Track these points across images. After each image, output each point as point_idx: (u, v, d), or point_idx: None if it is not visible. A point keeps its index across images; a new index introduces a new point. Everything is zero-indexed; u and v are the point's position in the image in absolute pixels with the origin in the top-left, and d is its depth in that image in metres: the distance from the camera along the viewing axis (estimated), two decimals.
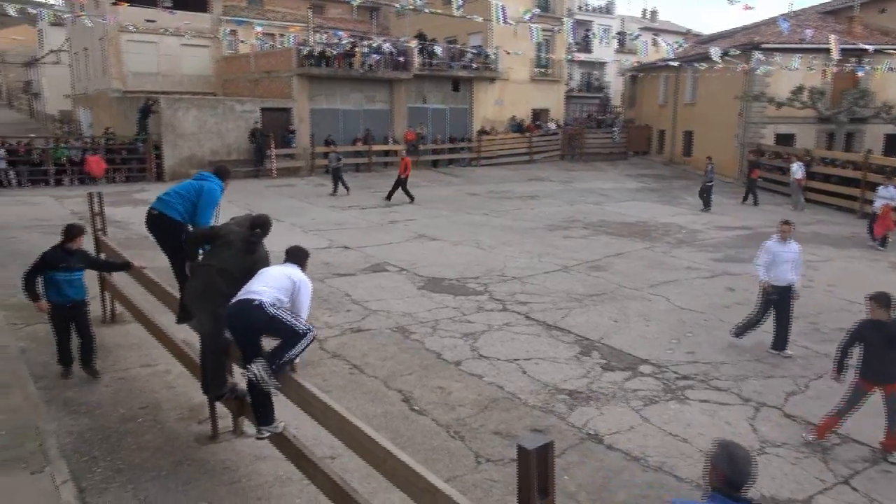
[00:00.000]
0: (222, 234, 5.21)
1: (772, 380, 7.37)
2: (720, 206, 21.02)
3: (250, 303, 4.53)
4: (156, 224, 5.90)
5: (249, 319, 4.53)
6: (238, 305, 4.60)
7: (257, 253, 5.14)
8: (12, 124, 42.90)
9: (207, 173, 6.16)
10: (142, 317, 7.10)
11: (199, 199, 5.85)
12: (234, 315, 4.61)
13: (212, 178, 6.04)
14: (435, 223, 16.53)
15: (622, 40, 42.64)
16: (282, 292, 4.66)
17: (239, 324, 4.62)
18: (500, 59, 30.18)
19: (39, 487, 4.66)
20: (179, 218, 5.83)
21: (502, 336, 8.53)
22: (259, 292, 4.58)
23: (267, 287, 4.64)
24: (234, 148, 24.60)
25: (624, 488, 5.22)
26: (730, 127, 27.46)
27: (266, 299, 4.54)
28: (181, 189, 5.97)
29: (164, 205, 5.83)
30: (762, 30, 28.76)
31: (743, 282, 11.51)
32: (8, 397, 6.06)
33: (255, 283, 4.70)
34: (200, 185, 5.95)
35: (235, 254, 5.04)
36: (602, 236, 15.43)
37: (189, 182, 6.07)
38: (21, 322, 8.41)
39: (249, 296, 4.58)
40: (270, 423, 4.75)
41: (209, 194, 5.91)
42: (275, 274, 4.79)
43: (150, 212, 5.90)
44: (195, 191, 5.91)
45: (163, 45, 30.47)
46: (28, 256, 11.75)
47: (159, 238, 5.99)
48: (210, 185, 5.95)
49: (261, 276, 4.78)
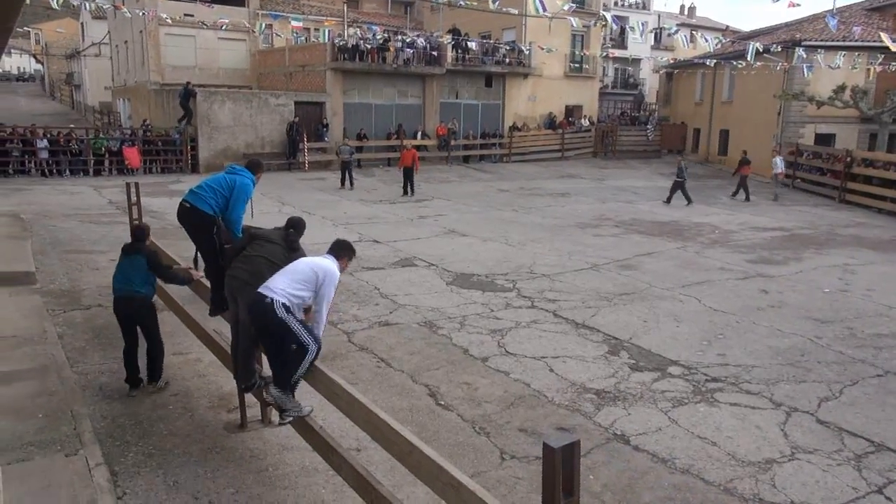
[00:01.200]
0: (261, 234, 5.31)
1: (805, 384, 7.22)
2: (756, 206, 20.65)
3: (263, 299, 4.55)
4: (187, 217, 5.97)
5: (262, 315, 4.57)
6: (254, 296, 4.64)
7: (299, 251, 5.19)
8: (54, 115, 44.02)
9: (240, 167, 6.23)
10: (174, 305, 7.23)
11: (231, 193, 5.92)
12: (252, 305, 4.67)
13: (244, 172, 6.10)
14: (464, 219, 16.52)
15: (658, 36, 42.08)
16: (303, 286, 4.64)
17: (253, 316, 4.68)
18: (533, 54, 30.00)
19: (74, 469, 4.78)
20: (211, 212, 5.91)
21: (530, 333, 8.50)
22: (274, 290, 4.57)
23: (285, 283, 4.62)
24: (268, 141, 24.89)
25: (650, 490, 5.17)
26: (768, 126, 26.93)
27: (279, 298, 4.53)
28: (213, 182, 6.05)
29: (197, 198, 5.89)
30: (804, 26, 28.13)
31: (777, 284, 11.30)
32: (45, 381, 6.23)
33: (277, 276, 4.71)
34: (233, 179, 6.01)
35: (278, 248, 5.12)
36: (633, 235, 15.26)
37: (221, 175, 6.13)
38: (59, 308, 8.63)
39: (264, 290, 4.60)
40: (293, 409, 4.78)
41: (242, 189, 5.98)
42: (302, 266, 4.79)
43: (183, 204, 5.97)
44: (228, 185, 5.98)
45: (200, 39, 30.95)
46: (67, 244, 12.11)
47: (190, 230, 6.07)
48: (243, 180, 6.02)
49: (288, 267, 4.81)
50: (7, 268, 9.60)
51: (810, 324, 9.25)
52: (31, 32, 65.79)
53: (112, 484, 4.77)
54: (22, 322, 7.70)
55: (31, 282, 9.39)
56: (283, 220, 5.80)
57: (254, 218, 7.42)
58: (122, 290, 6.31)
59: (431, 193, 20.61)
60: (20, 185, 18.99)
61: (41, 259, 10.87)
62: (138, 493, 4.77)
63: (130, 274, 6.32)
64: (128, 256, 6.39)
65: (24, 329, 7.47)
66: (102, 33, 41.12)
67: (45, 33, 61.35)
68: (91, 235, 12.61)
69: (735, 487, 5.22)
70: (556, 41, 30.03)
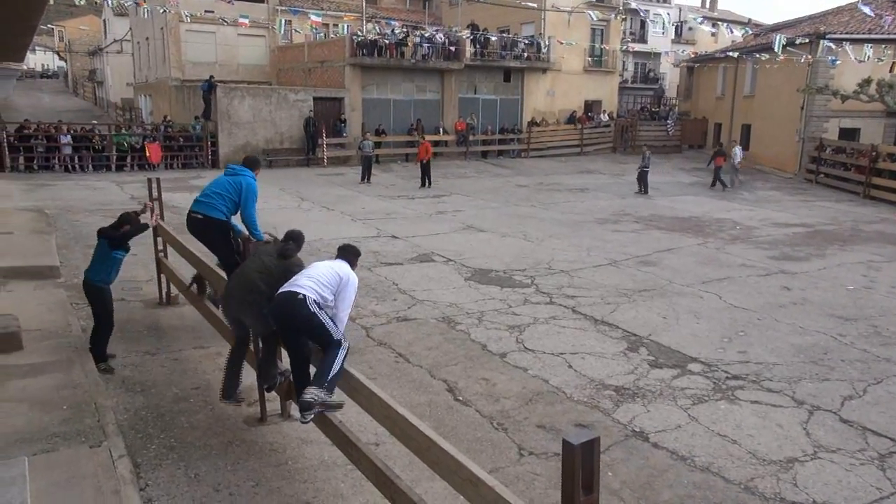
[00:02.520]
0: (259, 250, 5.45)
1: (827, 383, 7.13)
2: (780, 202, 20.41)
3: (294, 296, 4.60)
4: (199, 227, 6.05)
5: (292, 312, 4.60)
6: (282, 296, 4.68)
7: (292, 259, 5.22)
8: (77, 111, 44.57)
9: (239, 167, 6.32)
10: (196, 300, 7.30)
11: (240, 195, 6.01)
12: (279, 305, 4.69)
13: (245, 172, 6.19)
14: (482, 214, 16.50)
15: (679, 30, 41.63)
16: (327, 287, 4.70)
17: (281, 315, 4.70)
18: (552, 49, 29.83)
19: (98, 461, 4.85)
20: (224, 217, 6.02)
21: (548, 329, 8.47)
22: (304, 286, 4.64)
23: (313, 282, 4.69)
24: (287, 136, 25.02)
25: (669, 488, 5.13)
26: (791, 121, 26.57)
27: (310, 294, 4.60)
28: (218, 188, 6.11)
29: (207, 207, 5.96)
30: (828, 19, 27.68)
31: (800, 281, 11.16)
32: (69, 374, 6.32)
33: (301, 277, 4.77)
34: (237, 180, 6.09)
35: (271, 258, 5.19)
36: (653, 231, 15.15)
37: (223, 179, 6.19)
38: (83, 302, 8.75)
39: (294, 288, 4.65)
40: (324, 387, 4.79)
41: (249, 189, 6.08)
42: (322, 269, 4.83)
43: (193, 216, 6.00)
44: (234, 188, 6.07)
45: (220, 35, 31.15)
46: (90, 239, 12.22)
47: (206, 240, 6.15)
48: (247, 180, 6.12)
49: (308, 270, 4.85)
50: (32, 262, 9.75)
51: (833, 321, 9.12)
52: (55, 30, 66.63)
53: (135, 475, 4.83)
54: (46, 315, 7.82)
55: (55, 276, 9.53)
56: (302, 216, 5.88)
57: None
58: (86, 275, 6.81)
59: (449, 189, 20.60)
60: (45, 181, 19.28)
61: (65, 253, 11.02)
62: (160, 484, 4.83)
63: (93, 259, 6.76)
64: (98, 241, 6.77)
65: (48, 322, 7.59)
66: (124, 30, 41.53)
67: (69, 30, 62.10)
68: None
69: (756, 486, 5.18)
70: (576, 35, 29.83)
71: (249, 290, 5.05)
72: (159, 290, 8.79)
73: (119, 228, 6.77)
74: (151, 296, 8.86)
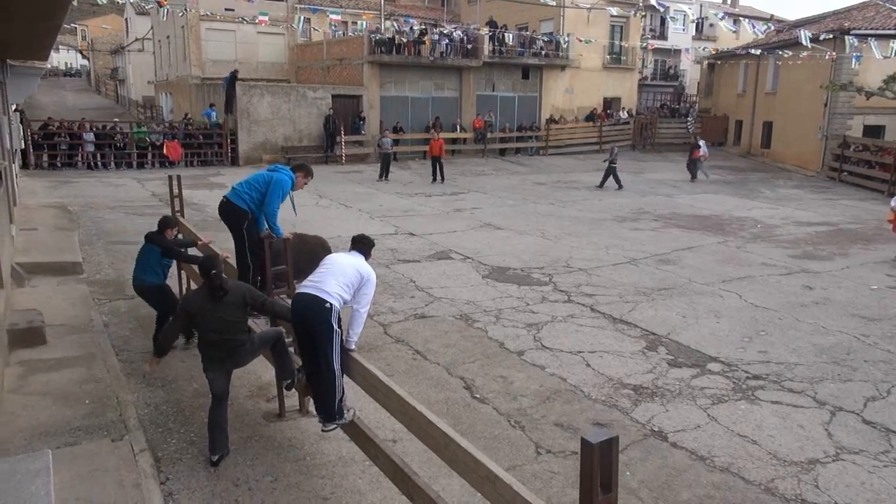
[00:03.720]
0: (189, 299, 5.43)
1: (850, 383, 7.03)
2: (802, 200, 20.15)
3: (322, 304, 4.58)
4: (224, 210, 6.29)
5: (314, 317, 4.58)
6: (308, 299, 4.64)
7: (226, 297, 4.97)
8: (99, 109, 45.13)
9: (283, 166, 6.47)
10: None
11: (267, 188, 6.13)
12: (303, 305, 4.65)
13: (284, 170, 6.31)
14: (500, 212, 16.47)
15: (700, 26, 41.20)
16: (348, 289, 4.71)
17: (303, 316, 4.66)
18: (571, 46, 29.67)
19: (120, 455, 4.91)
20: (245, 206, 6.16)
21: (566, 328, 8.44)
22: (332, 293, 4.62)
23: (339, 286, 4.67)
24: (306, 134, 25.15)
25: (688, 488, 5.10)
26: (814, 118, 26.21)
27: (336, 304, 4.61)
28: (252, 179, 6.30)
29: (234, 193, 6.26)
30: (852, 14, 27.26)
31: (822, 280, 11.01)
32: (92, 368, 6.41)
33: (328, 278, 4.72)
34: (271, 175, 6.23)
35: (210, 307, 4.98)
36: (672, 229, 15.03)
37: (262, 173, 6.39)
38: (105, 298, 8.88)
39: (322, 294, 4.62)
40: (335, 418, 4.79)
41: (277, 184, 6.18)
42: (345, 268, 4.80)
43: (222, 200, 6.29)
44: (265, 181, 6.21)
45: (240, 33, 31.37)
46: (112, 235, 12.43)
47: (226, 223, 6.38)
48: (280, 176, 6.21)
49: (332, 269, 4.81)
50: (56, 258, 9.90)
51: (856, 321, 9.00)
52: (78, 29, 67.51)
53: (155, 469, 4.89)
54: (70, 311, 7.94)
55: (78, 272, 9.67)
56: (320, 213, 5.95)
57: (296, 214, 7.56)
58: (134, 278, 6.96)
59: (467, 186, 20.59)
60: (68, 178, 19.54)
61: (88, 250, 11.18)
62: (180, 478, 4.88)
63: (140, 262, 6.88)
64: (145, 244, 6.91)
65: (71, 317, 7.70)
66: (146, 29, 41.96)
67: (91, 29, 62.89)
68: (135, 227, 12.89)
69: (776, 487, 5.12)
70: (595, 32, 29.65)
71: (234, 347, 4.97)
72: (179, 287, 8.87)
73: (163, 233, 6.94)
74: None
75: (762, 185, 23.17)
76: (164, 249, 6.81)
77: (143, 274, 6.84)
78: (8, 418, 5.35)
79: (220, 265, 5.17)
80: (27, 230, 11.55)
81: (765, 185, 23.13)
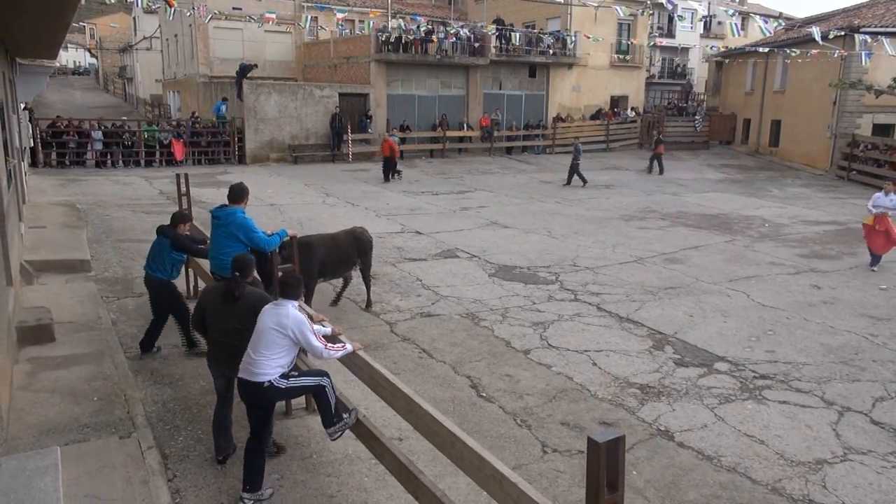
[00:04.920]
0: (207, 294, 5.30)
1: (858, 383, 7.00)
2: (810, 199, 20.05)
3: (259, 387, 4.42)
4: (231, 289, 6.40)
5: (261, 401, 4.52)
6: (246, 385, 4.49)
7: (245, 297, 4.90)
8: (108, 107, 45.33)
9: (220, 210, 6.38)
10: None
11: (243, 232, 6.16)
12: (245, 392, 4.55)
13: (229, 211, 6.25)
14: (507, 211, 16.45)
15: (708, 24, 41.00)
16: (283, 352, 4.46)
17: (250, 401, 4.58)
18: (578, 44, 29.59)
19: (127, 452, 4.94)
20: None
21: (573, 326, 8.43)
22: (264, 371, 4.42)
23: (268, 358, 4.43)
24: (313, 132, 25.18)
25: (694, 487, 5.08)
26: (822, 116, 26.07)
27: (274, 376, 4.43)
28: (220, 242, 6.24)
29: (224, 265, 6.01)
30: (862, 12, 27.08)
31: (830, 280, 10.96)
32: (100, 365, 6.45)
33: (258, 360, 4.44)
34: (227, 222, 6.18)
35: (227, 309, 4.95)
36: (679, 228, 14.98)
37: (220, 231, 6.27)
38: (113, 295, 8.92)
39: (255, 378, 4.42)
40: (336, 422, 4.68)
41: (243, 223, 6.17)
42: (269, 337, 4.46)
43: (216, 279, 6.27)
44: (232, 232, 6.17)
45: (247, 32, 31.41)
46: (120, 233, 12.48)
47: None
48: (234, 218, 6.18)
49: (257, 344, 4.50)
50: (64, 256, 9.95)
51: (865, 321, 8.95)
52: (86, 27, 67.85)
53: (163, 466, 4.92)
54: (78, 308, 7.98)
55: (86, 269, 9.71)
56: (327, 212, 5.94)
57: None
58: (145, 270, 6.97)
59: (474, 185, 20.58)
60: (76, 176, 19.63)
61: (96, 247, 11.23)
62: (188, 475, 4.91)
63: (153, 255, 6.88)
64: (157, 238, 6.92)
65: (80, 315, 7.74)
66: (154, 27, 42.11)
67: (100, 28, 63.16)
68: (143, 225, 12.95)
69: (784, 487, 5.10)
70: (602, 30, 29.55)
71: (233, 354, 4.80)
72: (187, 285, 8.91)
73: (175, 227, 6.95)
74: (179, 289, 8.97)
75: (770, 183, 23.07)
76: (172, 241, 6.80)
77: (151, 268, 6.87)
78: (17, 415, 5.39)
79: (248, 268, 5.07)
80: (36, 228, 11.61)
81: (773, 183, 23.03)
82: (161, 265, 6.84)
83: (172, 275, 6.98)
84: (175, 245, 6.82)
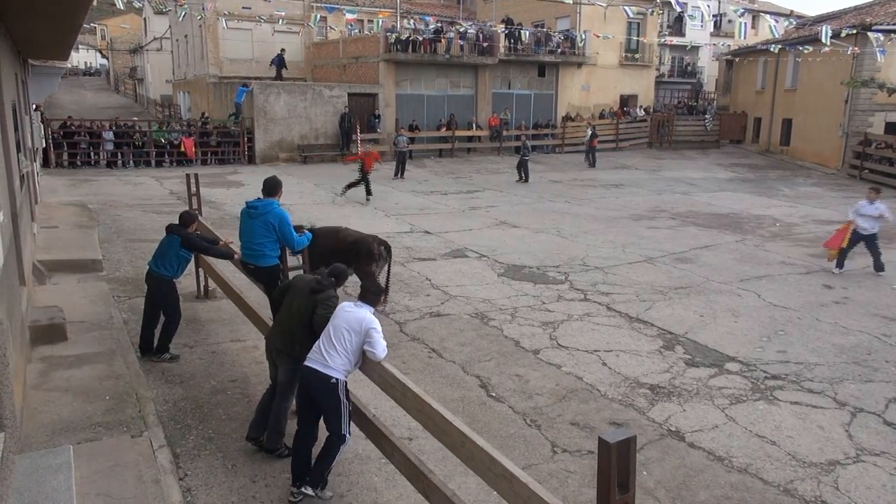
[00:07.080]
0: (294, 284, 5.27)
1: (871, 384, 6.94)
2: (821, 198, 19.92)
3: (326, 380, 4.49)
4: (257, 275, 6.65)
5: (319, 393, 4.54)
6: (312, 374, 4.54)
7: (324, 293, 4.99)
8: (118, 108, 45.56)
9: (257, 202, 6.50)
10: (232, 293, 7.42)
11: (277, 229, 6.37)
12: (308, 381, 4.60)
13: (267, 205, 6.42)
14: (516, 210, 16.43)
15: (719, 23, 40.79)
16: (355, 355, 4.54)
17: (308, 391, 4.63)
18: (588, 43, 29.52)
19: (139, 450, 4.97)
20: (275, 262, 6.49)
21: (582, 326, 8.41)
22: (337, 368, 4.50)
23: (342, 357, 4.51)
24: (322, 132, 25.25)
25: (706, 488, 5.06)
26: (834, 115, 25.89)
27: (342, 378, 4.52)
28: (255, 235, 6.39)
29: (256, 256, 6.40)
30: (874, 10, 26.86)
31: (842, 280, 10.88)
32: (112, 364, 6.49)
33: (332, 355, 4.53)
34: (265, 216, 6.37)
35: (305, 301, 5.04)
36: (690, 227, 14.92)
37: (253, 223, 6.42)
38: (124, 295, 8.97)
39: (327, 371, 4.50)
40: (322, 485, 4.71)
41: (279, 218, 6.39)
42: (346, 331, 4.54)
43: (247, 266, 6.56)
44: (268, 227, 6.37)
45: (257, 32, 31.50)
46: (131, 233, 12.55)
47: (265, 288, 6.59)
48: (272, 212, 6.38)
49: (335, 333, 4.58)
50: (76, 255, 10.02)
51: (878, 321, 8.88)
52: (97, 28, 68.30)
53: (174, 465, 4.94)
54: (90, 308, 8.03)
55: (97, 269, 9.78)
56: (336, 212, 5.92)
57: None
58: (148, 266, 7.01)
59: (483, 184, 20.57)
60: (88, 176, 19.77)
61: (107, 247, 11.30)
62: (199, 474, 4.93)
63: (161, 252, 6.90)
64: (166, 236, 6.95)
65: (91, 314, 7.79)
66: (164, 28, 42.31)
67: (110, 29, 63.51)
68: (153, 225, 13.02)
69: (795, 488, 5.07)
70: (612, 29, 29.47)
71: (286, 339, 4.94)
72: (197, 285, 8.96)
73: (187, 227, 7.00)
74: (189, 289, 9.03)
75: (781, 182, 22.93)
76: (183, 239, 6.82)
77: (157, 264, 6.88)
78: (30, 414, 5.43)
79: (342, 277, 5.17)
80: (48, 228, 11.70)
81: (784, 182, 22.89)
82: (168, 263, 6.85)
83: (177, 273, 6.98)
84: (186, 243, 6.84)
